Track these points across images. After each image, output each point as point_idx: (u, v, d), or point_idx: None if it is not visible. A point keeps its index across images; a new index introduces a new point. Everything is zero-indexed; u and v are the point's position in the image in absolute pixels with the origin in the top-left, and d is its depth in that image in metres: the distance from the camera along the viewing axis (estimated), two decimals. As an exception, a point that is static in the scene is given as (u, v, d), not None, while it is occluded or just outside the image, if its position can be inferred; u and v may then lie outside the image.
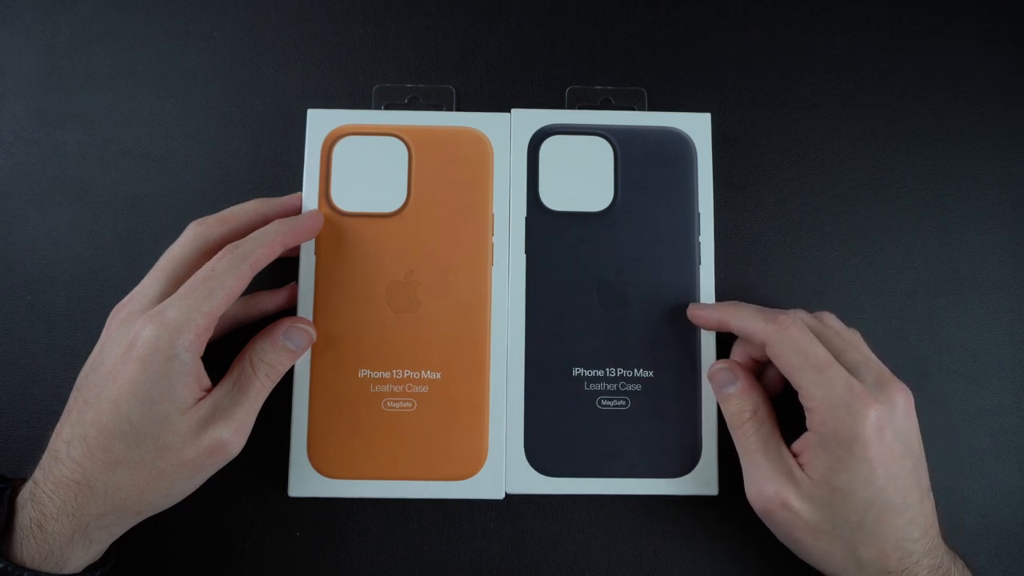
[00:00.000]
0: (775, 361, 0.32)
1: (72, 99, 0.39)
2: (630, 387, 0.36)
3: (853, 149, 0.40)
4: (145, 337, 0.29)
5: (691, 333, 0.36)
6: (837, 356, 0.31)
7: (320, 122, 0.37)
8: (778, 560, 0.36)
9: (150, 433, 0.28)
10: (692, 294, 0.37)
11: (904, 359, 0.37)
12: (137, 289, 0.31)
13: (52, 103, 0.39)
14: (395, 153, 0.37)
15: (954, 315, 0.39)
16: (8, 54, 0.40)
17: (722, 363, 0.35)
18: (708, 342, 0.36)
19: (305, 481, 0.35)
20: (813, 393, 0.30)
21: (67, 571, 0.29)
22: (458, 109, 0.40)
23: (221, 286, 0.30)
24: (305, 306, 0.35)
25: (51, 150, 0.39)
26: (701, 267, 0.37)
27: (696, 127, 0.38)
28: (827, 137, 0.40)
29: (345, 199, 0.36)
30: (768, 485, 0.31)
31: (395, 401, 0.35)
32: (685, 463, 0.36)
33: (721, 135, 0.39)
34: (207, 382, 0.30)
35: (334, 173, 0.37)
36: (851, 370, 0.31)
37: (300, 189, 0.36)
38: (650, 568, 0.36)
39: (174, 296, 0.30)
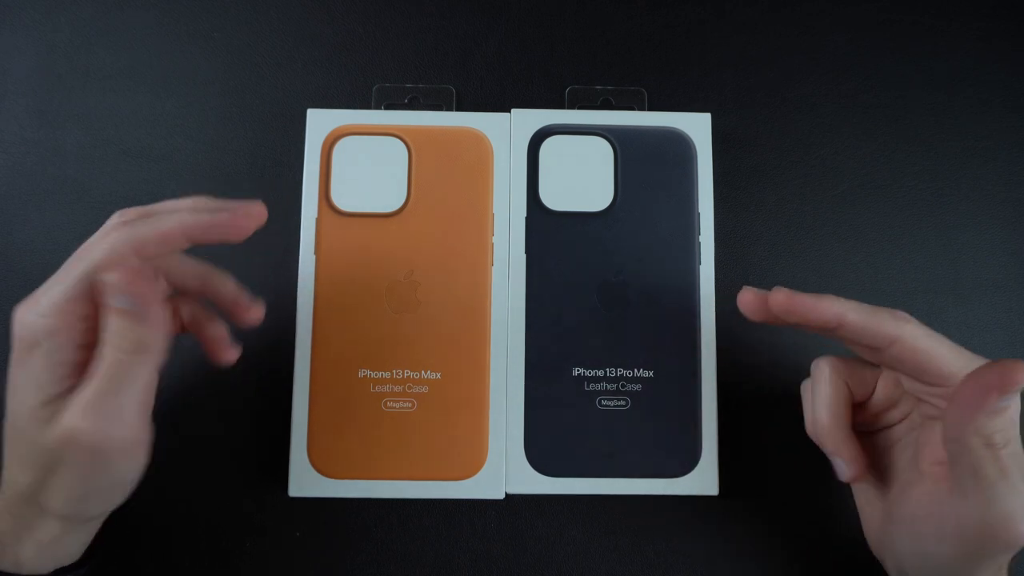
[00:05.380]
0: (903, 358, 0.28)
1: (72, 99, 0.39)
2: (630, 387, 0.36)
3: (853, 149, 0.40)
4: (14, 328, 0.27)
5: (691, 333, 0.36)
6: None
7: (320, 122, 0.37)
8: (778, 560, 0.36)
9: (23, 429, 0.26)
10: (692, 294, 0.37)
11: (904, 359, 0.37)
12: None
13: (52, 103, 0.39)
14: (395, 153, 0.37)
15: (954, 315, 0.39)
16: (8, 54, 0.40)
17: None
18: (708, 342, 0.36)
19: (305, 481, 0.35)
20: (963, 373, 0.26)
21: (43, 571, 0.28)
22: (458, 109, 0.40)
23: (89, 264, 0.27)
24: (305, 306, 0.35)
25: (51, 150, 0.39)
26: (701, 267, 0.37)
27: (696, 127, 0.38)
28: (827, 137, 0.40)
29: (345, 199, 0.36)
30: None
31: (395, 401, 0.35)
32: (685, 463, 0.36)
33: (721, 135, 0.39)
34: (82, 372, 0.27)
35: (334, 173, 0.37)
36: None
37: (300, 189, 0.36)
38: (650, 568, 0.36)
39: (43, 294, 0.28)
